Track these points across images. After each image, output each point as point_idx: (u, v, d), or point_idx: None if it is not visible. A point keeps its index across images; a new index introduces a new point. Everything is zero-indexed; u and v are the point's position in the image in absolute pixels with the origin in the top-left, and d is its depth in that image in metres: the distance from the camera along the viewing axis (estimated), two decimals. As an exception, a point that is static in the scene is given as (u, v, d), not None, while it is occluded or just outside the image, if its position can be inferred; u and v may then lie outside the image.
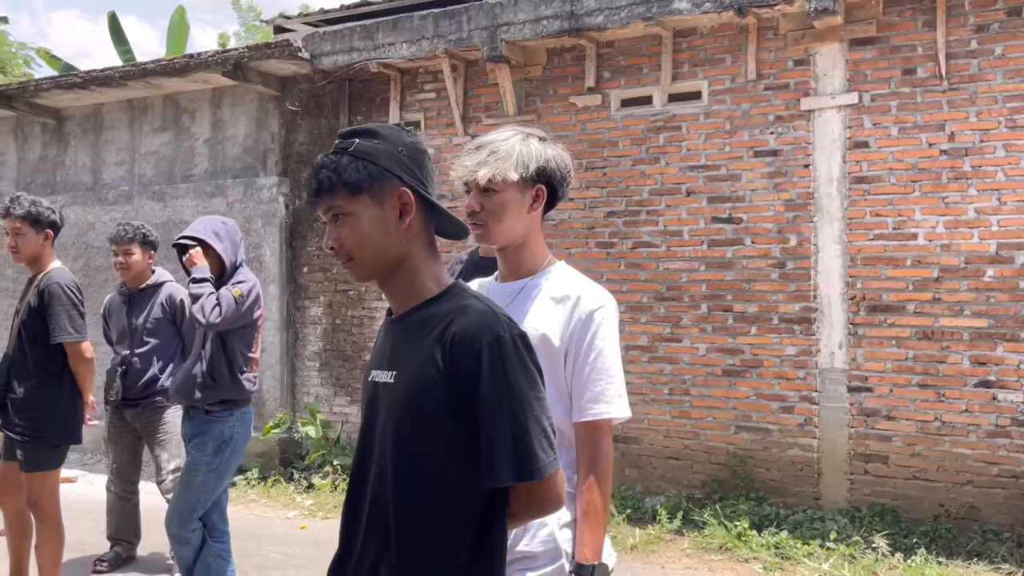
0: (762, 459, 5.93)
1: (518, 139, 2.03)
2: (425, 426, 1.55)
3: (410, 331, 1.63)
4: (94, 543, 5.15)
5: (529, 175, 2.00)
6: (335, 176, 1.59)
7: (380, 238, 1.61)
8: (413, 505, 1.56)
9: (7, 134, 9.31)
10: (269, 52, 7.17)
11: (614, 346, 1.98)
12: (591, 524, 1.88)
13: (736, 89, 6.08)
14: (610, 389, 1.95)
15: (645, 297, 6.33)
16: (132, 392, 4.84)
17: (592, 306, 1.98)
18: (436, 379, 1.54)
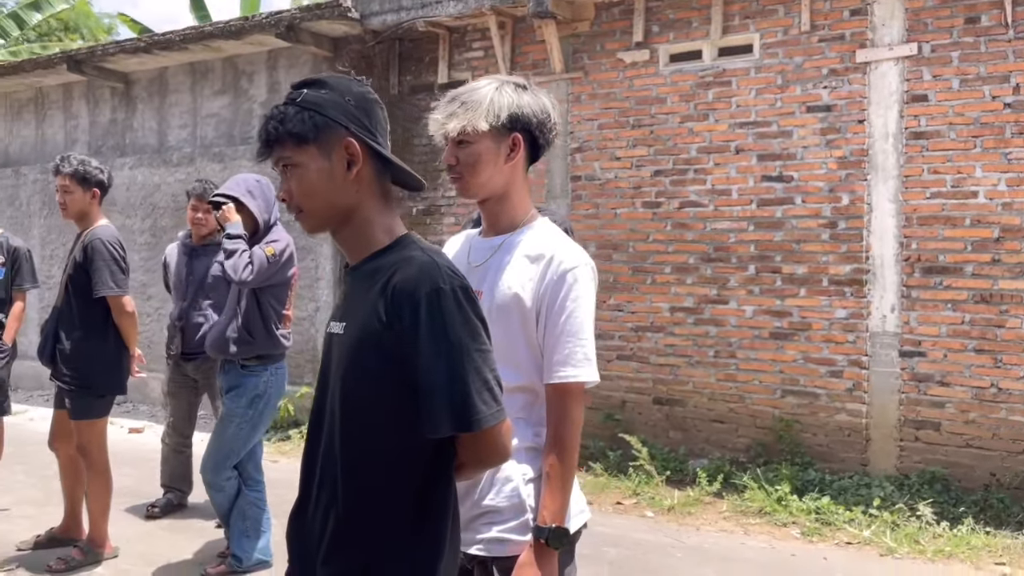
0: (809, 424, 5.79)
1: (491, 88, 1.97)
2: (369, 376, 1.55)
3: (359, 282, 1.63)
4: (152, 490, 5.38)
5: (501, 123, 1.93)
6: (281, 127, 1.57)
7: (328, 189, 1.59)
8: (358, 454, 1.56)
9: (80, 98, 9.65)
10: (320, 13, 7.22)
11: (587, 308, 1.93)
12: (551, 487, 1.86)
13: (789, 41, 5.85)
14: (577, 352, 1.90)
15: (692, 258, 6.21)
16: (191, 346, 4.97)
17: (566, 266, 1.92)
18: (378, 330, 1.53)
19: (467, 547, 1.93)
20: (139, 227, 8.97)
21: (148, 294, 8.75)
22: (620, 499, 5.58)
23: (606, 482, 5.81)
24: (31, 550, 4.44)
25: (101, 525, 4.35)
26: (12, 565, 4.28)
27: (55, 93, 9.83)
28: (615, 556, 4.57)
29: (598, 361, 6.50)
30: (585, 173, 6.63)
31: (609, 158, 6.52)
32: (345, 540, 1.57)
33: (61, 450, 4.50)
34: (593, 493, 5.69)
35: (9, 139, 10.31)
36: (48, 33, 19.75)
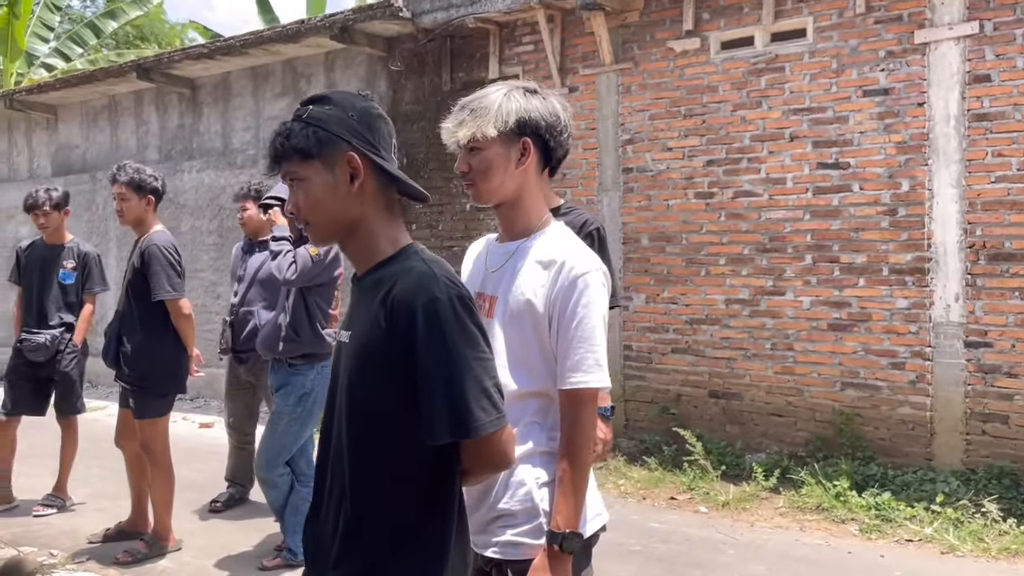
0: (870, 417, 5.64)
1: (499, 94, 1.98)
2: (372, 384, 1.59)
3: (364, 292, 1.67)
4: (219, 484, 5.56)
5: (509, 129, 1.94)
6: (287, 142, 1.62)
7: (332, 202, 1.63)
8: (364, 459, 1.61)
9: (150, 104, 10.01)
10: (372, 14, 7.32)
11: (598, 314, 1.92)
12: (563, 492, 1.87)
13: (843, 24, 5.68)
14: (588, 358, 1.89)
15: (746, 249, 6.10)
16: (240, 342, 5.13)
17: (576, 272, 1.91)
18: (379, 339, 1.57)
19: (483, 550, 1.97)
20: (207, 228, 9.27)
21: (217, 292, 9.05)
22: (674, 494, 5.53)
23: (660, 477, 5.77)
24: (101, 543, 4.65)
25: (165, 519, 4.53)
26: (83, 557, 4.49)
27: (127, 100, 10.22)
28: (664, 552, 4.55)
29: (652, 355, 6.53)
30: (637, 165, 6.57)
31: (661, 149, 6.45)
32: (353, 542, 1.61)
33: (127, 447, 4.70)
34: (647, 488, 5.66)
35: (86, 145, 10.77)
36: (124, 41, 20.48)
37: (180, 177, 9.47)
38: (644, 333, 6.56)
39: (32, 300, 5.28)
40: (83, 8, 22.92)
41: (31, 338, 5.18)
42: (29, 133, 11.48)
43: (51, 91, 10.44)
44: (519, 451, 1.92)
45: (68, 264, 5.31)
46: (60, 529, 4.95)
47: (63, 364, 5.17)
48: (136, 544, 4.49)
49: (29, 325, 5.26)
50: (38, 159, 11.40)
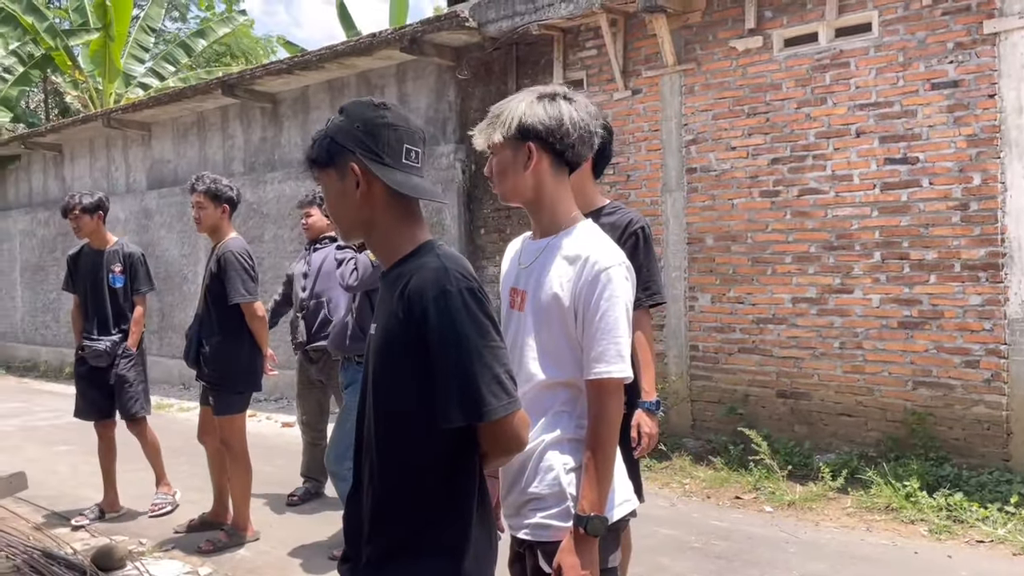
0: (943, 417, 5.51)
1: (515, 101, 2.08)
2: (392, 374, 1.73)
3: (387, 287, 1.81)
4: (297, 480, 5.82)
5: (512, 135, 2.03)
6: (310, 153, 1.82)
7: (344, 206, 1.79)
8: (387, 445, 1.74)
9: (235, 119, 10.49)
10: (440, 24, 7.53)
11: (621, 307, 1.99)
12: (588, 478, 1.95)
13: (910, 17, 5.58)
14: (611, 349, 1.97)
15: (813, 247, 6.04)
16: (314, 334, 5.29)
17: (600, 267, 1.99)
18: (397, 331, 1.70)
19: (516, 531, 2.09)
20: (288, 236, 9.65)
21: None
22: (739, 494, 5.52)
23: (726, 476, 5.77)
24: (186, 533, 4.94)
25: (243, 511, 4.79)
26: (170, 546, 4.79)
27: (214, 116, 10.73)
28: (724, 549, 4.56)
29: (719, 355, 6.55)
30: (700, 165, 6.57)
31: (724, 148, 6.44)
32: (382, 520, 1.75)
33: (208, 443, 4.99)
34: (712, 487, 5.67)
35: (177, 160, 11.35)
36: (213, 58, 21.39)
37: (263, 188, 9.89)
38: (710, 333, 6.55)
39: (88, 306, 5.35)
40: (176, 29, 24.05)
41: (93, 345, 5.25)
42: (126, 149, 12.16)
43: (145, 109, 11.06)
44: (548, 438, 2.04)
45: (116, 267, 5.35)
46: (149, 520, 5.28)
47: (119, 368, 5.25)
48: (218, 534, 4.76)
49: (90, 332, 5.31)
50: (134, 174, 12.06)
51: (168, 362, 11.00)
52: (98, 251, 5.42)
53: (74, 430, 8.23)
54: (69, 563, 4.31)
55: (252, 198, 9.73)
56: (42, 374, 12.74)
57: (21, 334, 13.99)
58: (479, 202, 8.02)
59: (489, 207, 7.91)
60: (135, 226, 11.69)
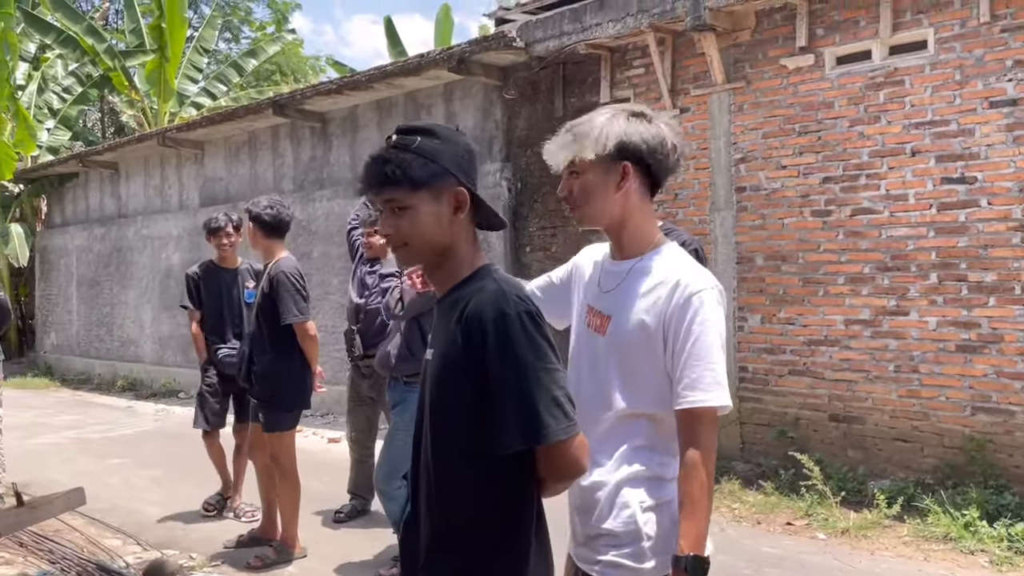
0: (1004, 444, 5.35)
1: (603, 117, 1.99)
2: (451, 400, 1.72)
3: (443, 312, 1.80)
4: (344, 496, 5.84)
5: (608, 153, 1.94)
6: (400, 171, 1.71)
7: (434, 230, 1.75)
8: (446, 470, 1.74)
9: (285, 138, 10.66)
10: (487, 44, 7.58)
11: (715, 332, 1.89)
12: (685, 515, 1.84)
13: (967, 34, 5.47)
14: (706, 376, 1.86)
15: (867, 268, 5.93)
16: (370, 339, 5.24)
17: (692, 290, 1.90)
18: (456, 355, 1.70)
19: (585, 564, 2.00)
20: (336, 253, 9.75)
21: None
22: (790, 520, 5.41)
23: (776, 501, 5.65)
24: (235, 548, 4.99)
25: (291, 527, 4.83)
26: (219, 561, 4.84)
27: (264, 135, 10.92)
28: (776, 577, 4.47)
29: (769, 376, 6.40)
30: (750, 184, 6.50)
31: (775, 167, 6.36)
32: (440, 548, 1.74)
33: (258, 459, 5.04)
34: (762, 512, 5.56)
35: (228, 178, 11.56)
36: (265, 77, 21.81)
37: (312, 206, 10.03)
38: (760, 354, 6.46)
39: (219, 322, 5.72)
40: (228, 49, 24.59)
41: (231, 352, 5.57)
42: (179, 167, 12.44)
43: (198, 128, 11.30)
44: (626, 472, 1.94)
45: (249, 284, 5.72)
46: (200, 535, 5.34)
47: None
48: (266, 550, 4.79)
49: (225, 342, 5.70)
50: (187, 192, 12.32)
51: (217, 376, 11.17)
52: (229, 269, 5.82)
53: (127, 443, 8.42)
54: (122, 576, 4.38)
55: (301, 216, 9.86)
56: (96, 387, 13.02)
57: (76, 347, 14.34)
58: (524, 220, 8.03)
59: (535, 225, 7.91)
60: (188, 243, 11.93)
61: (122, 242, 13.28)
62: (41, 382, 13.53)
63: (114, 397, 11.94)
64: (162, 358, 12.41)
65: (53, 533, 5.08)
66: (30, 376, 14.07)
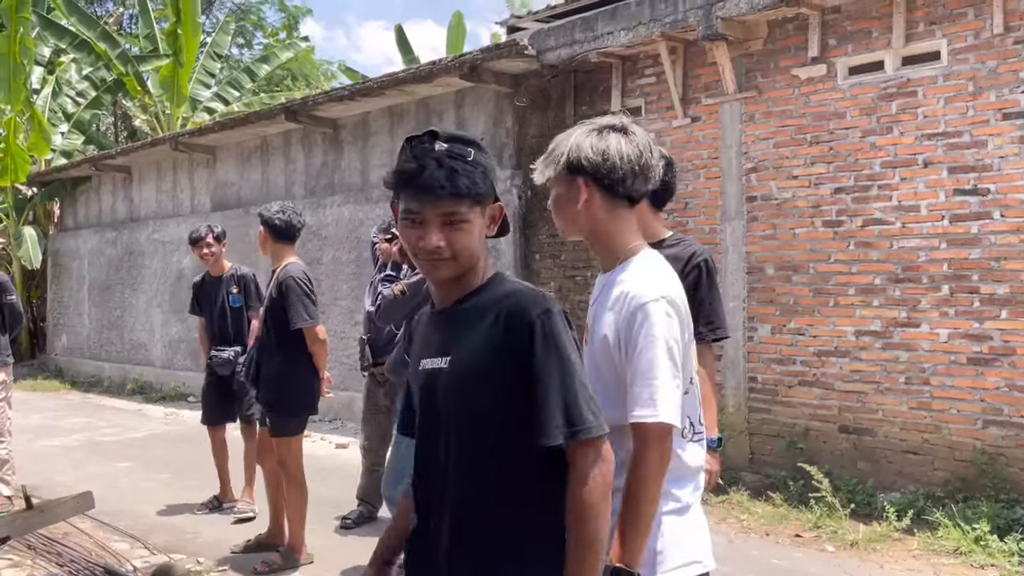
0: (1016, 458, 5.31)
1: (570, 134, 2.03)
2: (485, 401, 1.69)
3: (461, 319, 1.76)
4: (351, 502, 5.85)
5: (561, 171, 1.99)
6: (471, 185, 1.68)
7: (478, 244, 1.75)
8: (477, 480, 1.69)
9: (296, 144, 10.70)
10: (499, 52, 7.60)
11: (658, 345, 1.87)
12: (619, 528, 1.83)
13: (980, 46, 5.45)
14: (644, 392, 1.85)
15: (878, 279, 5.90)
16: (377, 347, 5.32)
17: (636, 303, 1.90)
18: (492, 358, 1.67)
19: None
20: (346, 258, 9.78)
21: (355, 320, 9.51)
22: (799, 532, 5.38)
23: (785, 513, 5.62)
24: (241, 553, 5.00)
25: (298, 533, 4.83)
26: (226, 566, 4.85)
27: (276, 140, 10.97)
28: (784, 590, 4.44)
29: (779, 387, 6.29)
30: (761, 193, 6.49)
31: (786, 177, 6.35)
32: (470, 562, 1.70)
33: (265, 464, 5.05)
34: (771, 524, 5.53)
35: (240, 183, 11.61)
36: (276, 83, 21.91)
37: (322, 211, 10.06)
38: (770, 365, 6.43)
39: (213, 327, 6.02)
40: (241, 55, 24.73)
41: (218, 354, 5.91)
42: (191, 172, 12.50)
43: (210, 133, 11.36)
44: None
45: (233, 290, 6.02)
46: (207, 539, 5.35)
47: (240, 376, 5.68)
48: (272, 555, 4.80)
49: (216, 346, 5.99)
50: (199, 196, 12.38)
51: (226, 381, 11.20)
52: (217, 278, 6.09)
53: (136, 447, 8.44)
54: (129, 580, 4.39)
55: (312, 221, 9.88)
56: (105, 389, 13.08)
57: (87, 350, 14.40)
58: (534, 228, 8.03)
59: (544, 233, 7.91)
60: (198, 247, 11.96)
61: (133, 246, 13.35)
62: (51, 384, 13.59)
63: (124, 400, 11.98)
64: (172, 362, 12.45)
65: (62, 536, 5.10)
66: (41, 378, 14.14)
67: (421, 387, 1.83)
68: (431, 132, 1.72)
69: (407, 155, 1.72)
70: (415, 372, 1.87)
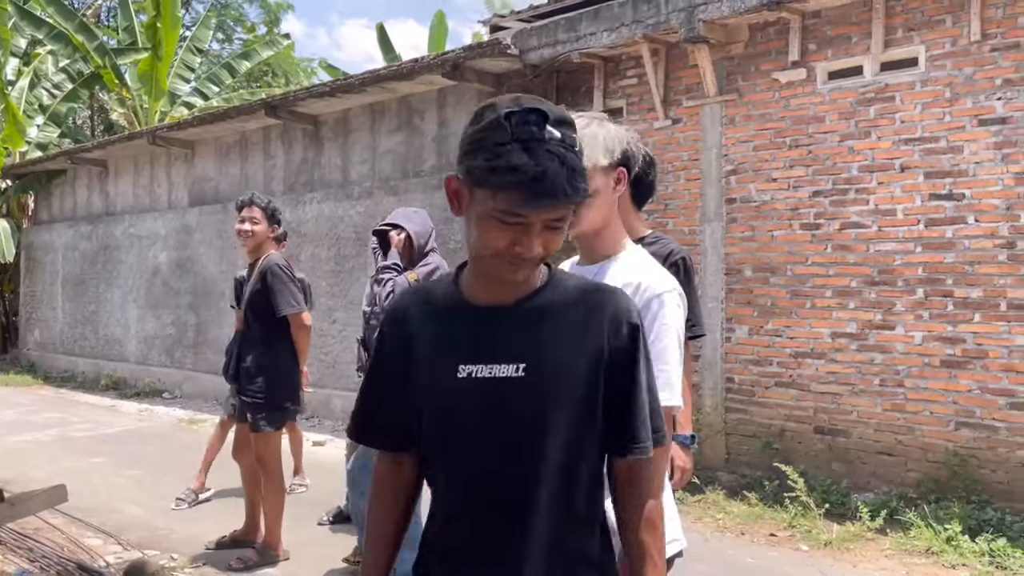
0: (987, 459, 5.38)
1: (601, 123, 2.04)
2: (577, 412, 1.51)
3: (532, 320, 1.52)
4: (329, 499, 5.81)
5: (615, 159, 2.02)
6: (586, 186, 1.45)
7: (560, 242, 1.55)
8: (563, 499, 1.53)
9: (276, 140, 10.64)
10: (482, 51, 7.60)
11: (672, 333, 1.94)
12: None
13: (957, 52, 5.53)
14: (660, 377, 1.84)
15: (854, 281, 5.97)
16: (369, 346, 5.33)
17: (652, 292, 1.94)
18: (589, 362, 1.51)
19: None
20: (325, 255, 9.74)
21: (333, 318, 9.47)
22: (774, 531, 5.42)
23: (760, 513, 5.67)
24: (215, 549, 4.96)
25: (275, 529, 4.79)
26: (201, 562, 4.80)
27: (256, 136, 10.89)
28: (759, 588, 4.47)
29: (755, 388, 6.36)
30: (740, 195, 6.54)
31: (765, 180, 6.40)
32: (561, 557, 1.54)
33: (243, 460, 5.00)
34: (746, 523, 5.57)
35: (219, 178, 11.52)
36: (257, 79, 21.77)
37: (302, 208, 10.00)
38: (747, 366, 6.48)
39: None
40: (220, 50, 24.54)
41: None
42: (169, 167, 12.39)
43: (189, 128, 11.27)
44: None
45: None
46: (183, 535, 5.30)
47: None
48: (248, 552, 4.76)
49: None
50: (176, 191, 12.27)
51: (203, 377, 11.11)
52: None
53: (110, 442, 8.35)
54: (102, 576, 4.34)
55: (291, 218, 9.82)
56: (79, 385, 12.92)
57: (60, 345, 14.23)
58: (516, 227, 8.02)
59: (526, 233, 7.91)
60: (175, 242, 11.87)
61: (109, 240, 13.21)
62: (24, 379, 13.40)
63: (97, 396, 11.84)
64: (147, 357, 12.33)
65: (33, 531, 5.03)
66: (13, 373, 13.94)
67: (468, 397, 1.52)
68: (538, 111, 1.40)
69: (512, 142, 1.39)
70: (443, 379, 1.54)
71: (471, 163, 1.43)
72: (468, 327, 1.55)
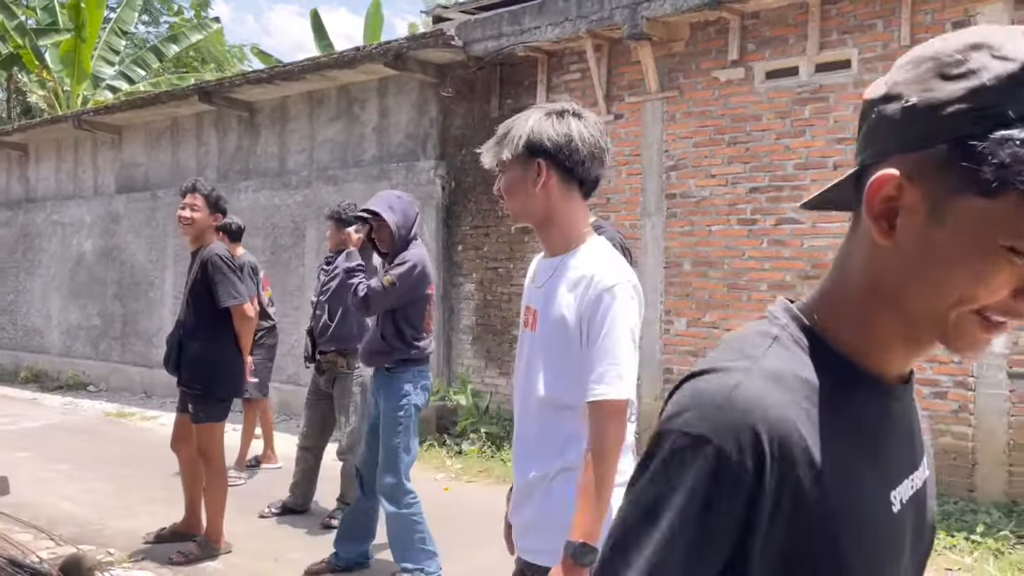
0: (911, 446, 5.63)
1: (525, 117, 2.04)
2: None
3: (907, 406, 0.97)
4: (278, 492, 5.71)
5: (520, 152, 2.00)
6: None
7: None
8: None
9: (210, 126, 10.39)
10: (425, 42, 7.58)
11: (622, 327, 1.94)
12: (582, 504, 1.87)
13: (888, 56, 5.75)
14: (611, 371, 1.91)
15: (788, 276, 6.17)
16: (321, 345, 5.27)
17: (603, 285, 1.94)
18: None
19: (519, 552, 2.06)
20: (261, 246, 9.55)
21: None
22: (712, 516, 5.57)
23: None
24: (154, 543, 4.85)
25: (217, 522, 4.72)
26: (139, 556, 4.69)
27: (188, 122, 10.62)
28: None
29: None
30: (680, 191, 6.68)
31: (704, 176, 6.56)
32: None
33: (182, 452, 4.90)
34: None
35: (148, 164, 11.20)
36: (185, 64, 21.19)
37: (236, 197, 9.78)
38: (685, 356, 6.63)
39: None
40: (147, 33, 23.78)
41: None
42: (94, 152, 11.97)
43: (117, 112, 10.92)
44: (560, 464, 1.97)
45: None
46: (117, 529, 5.17)
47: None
48: (189, 545, 4.67)
49: None
50: (103, 177, 11.87)
51: (131, 370, 10.79)
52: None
53: (34, 437, 8.06)
54: (36, 571, 4.19)
55: (225, 206, 9.62)
56: (-4, 378, 12.42)
57: (-25, 336, 13.63)
58: (457, 219, 8.04)
59: (467, 224, 7.94)
60: (100, 230, 11.50)
61: (30, 227, 12.71)
62: (-65, 372, 12.82)
63: (17, 389, 11.40)
64: (70, 349, 11.92)
65: (-42, 527, 4.84)
66: (-77, 366, 13.31)
67: (902, 537, 0.91)
68: None
69: None
70: (873, 521, 0.85)
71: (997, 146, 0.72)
72: (888, 422, 0.92)
